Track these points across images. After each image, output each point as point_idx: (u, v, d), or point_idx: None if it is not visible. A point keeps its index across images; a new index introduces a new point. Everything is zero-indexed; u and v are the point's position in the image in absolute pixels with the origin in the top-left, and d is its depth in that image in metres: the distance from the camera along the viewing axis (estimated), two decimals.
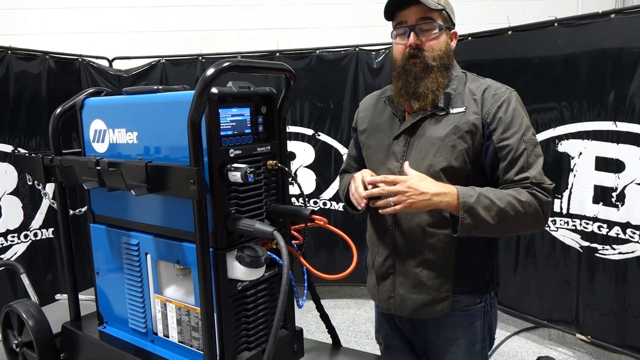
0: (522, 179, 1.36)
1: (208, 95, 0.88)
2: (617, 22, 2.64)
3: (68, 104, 1.19)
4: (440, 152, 1.42)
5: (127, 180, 0.99)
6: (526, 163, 1.36)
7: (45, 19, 4.73)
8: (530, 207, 1.34)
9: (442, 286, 1.47)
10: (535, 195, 1.35)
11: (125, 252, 1.12)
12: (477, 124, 1.40)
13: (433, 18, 1.43)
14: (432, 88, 1.43)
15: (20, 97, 3.34)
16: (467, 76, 1.51)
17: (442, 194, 1.32)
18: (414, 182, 1.32)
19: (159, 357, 1.08)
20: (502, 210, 1.32)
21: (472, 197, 1.32)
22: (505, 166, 1.38)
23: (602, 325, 2.86)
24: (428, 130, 1.45)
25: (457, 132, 1.41)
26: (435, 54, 1.43)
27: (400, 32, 1.46)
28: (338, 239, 1.06)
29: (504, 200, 1.33)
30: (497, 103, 1.41)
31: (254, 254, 0.94)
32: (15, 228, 3.29)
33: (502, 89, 1.45)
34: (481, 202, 1.31)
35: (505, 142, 1.38)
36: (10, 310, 1.28)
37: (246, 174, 0.91)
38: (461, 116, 1.42)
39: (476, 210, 1.31)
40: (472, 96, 1.44)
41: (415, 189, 1.31)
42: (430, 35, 1.43)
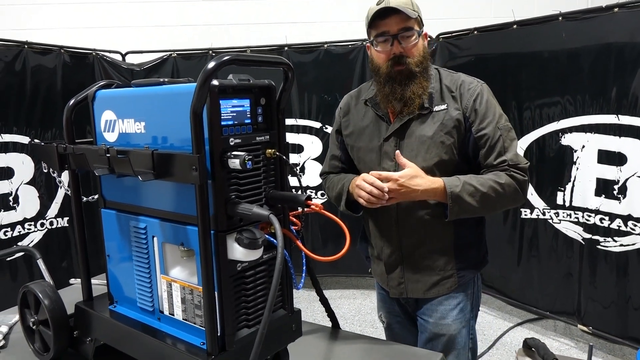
0: (500, 162, 1.51)
1: (209, 87, 0.94)
2: (620, 15, 2.65)
3: (81, 96, 1.26)
4: (431, 149, 1.54)
5: (135, 167, 1.05)
6: (502, 148, 1.51)
7: (60, 14, 4.83)
8: (509, 187, 1.49)
9: (447, 265, 1.62)
10: (513, 176, 1.49)
11: (134, 235, 1.19)
12: (460, 118, 1.53)
13: (412, 26, 1.52)
14: (419, 92, 1.54)
15: (36, 90, 3.44)
16: (440, 73, 1.61)
17: (430, 190, 1.47)
18: (406, 180, 1.45)
19: (164, 334, 1.15)
20: (484, 195, 1.46)
21: (458, 186, 1.46)
22: (485, 153, 1.52)
23: (604, 316, 2.89)
24: (416, 130, 1.56)
25: (443, 128, 1.53)
26: (417, 59, 1.54)
27: (382, 41, 1.55)
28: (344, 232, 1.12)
29: (485, 185, 1.47)
30: (472, 97, 1.53)
31: (252, 236, 1.00)
32: (32, 217, 3.40)
33: (475, 83, 1.57)
34: (466, 190, 1.46)
35: (483, 132, 1.52)
36: (27, 291, 1.35)
37: (245, 161, 0.97)
38: (444, 113, 1.54)
39: (462, 197, 1.46)
40: (450, 93, 1.56)
41: (407, 186, 1.45)
42: (411, 42, 1.53)
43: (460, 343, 1.66)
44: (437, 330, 1.66)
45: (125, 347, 1.22)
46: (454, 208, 1.47)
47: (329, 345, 1.47)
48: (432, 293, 1.64)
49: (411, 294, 1.67)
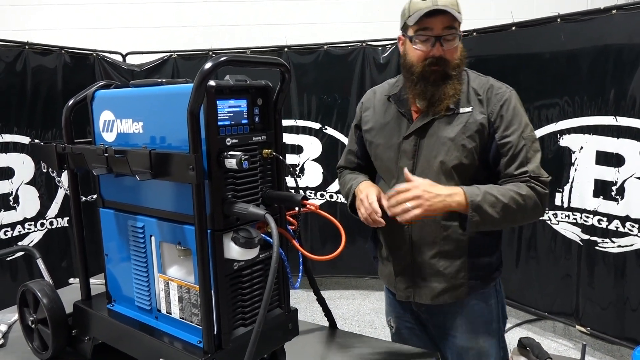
0: (522, 172, 1.45)
1: (206, 87, 0.95)
2: (618, 17, 2.66)
3: (80, 96, 1.27)
4: (452, 151, 1.49)
5: (133, 166, 1.06)
6: (525, 158, 1.45)
7: (61, 15, 4.85)
8: (530, 199, 1.43)
9: (459, 273, 1.55)
10: (534, 188, 1.43)
11: (132, 234, 1.20)
12: (484, 123, 1.48)
13: (455, 28, 1.47)
14: (450, 94, 1.49)
15: (37, 91, 3.45)
16: (468, 75, 1.56)
17: (453, 194, 1.40)
18: (426, 187, 1.38)
19: (162, 332, 1.16)
20: (506, 205, 1.40)
21: (478, 195, 1.39)
22: (507, 161, 1.47)
23: (602, 317, 2.90)
24: (439, 130, 1.51)
25: (466, 131, 1.48)
26: (455, 62, 1.49)
27: (423, 39, 1.48)
28: (345, 232, 1.12)
29: (506, 195, 1.41)
30: (499, 102, 1.48)
31: (248, 235, 1.01)
32: (32, 216, 3.41)
33: (503, 88, 1.52)
34: (487, 200, 1.39)
35: (507, 139, 1.46)
36: (26, 289, 1.36)
37: (241, 160, 0.98)
38: (469, 116, 1.49)
39: (483, 207, 1.38)
40: (476, 96, 1.51)
41: (430, 192, 1.37)
42: (452, 45, 1.48)
43: (492, 355, 1.61)
44: (465, 344, 1.60)
45: (123, 345, 1.22)
46: (473, 218, 1.39)
47: (326, 344, 1.48)
48: (439, 300, 1.58)
49: (418, 298, 1.61)
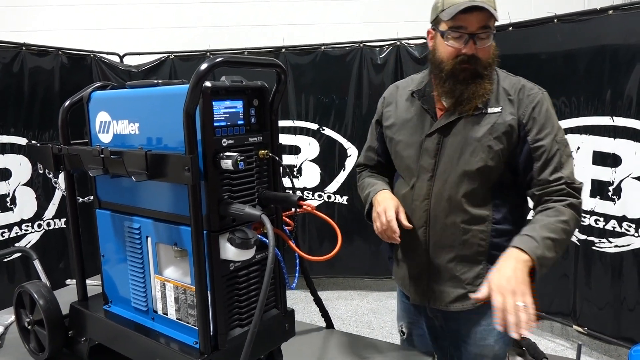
0: (556, 178, 1.39)
1: (201, 88, 0.96)
2: (614, 18, 2.67)
3: (76, 98, 1.27)
4: (477, 152, 1.42)
5: (129, 167, 1.06)
6: (559, 163, 1.39)
7: (58, 16, 4.84)
8: (572, 221, 1.38)
9: (477, 279, 1.46)
10: (572, 205, 1.38)
11: (128, 235, 1.20)
12: (513, 124, 1.41)
13: (490, 26, 1.41)
14: (479, 93, 1.43)
15: (34, 92, 3.45)
16: (498, 74, 1.50)
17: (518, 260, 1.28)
18: (501, 281, 1.24)
19: (158, 333, 1.16)
20: (560, 241, 1.35)
21: (538, 248, 1.30)
22: (540, 166, 1.40)
23: (599, 317, 2.91)
24: (464, 129, 1.45)
25: (493, 132, 1.42)
26: (486, 62, 1.43)
27: (456, 36, 1.41)
28: (342, 233, 1.12)
29: (557, 230, 1.35)
30: (532, 104, 1.42)
31: (244, 236, 1.01)
32: (30, 218, 3.41)
33: (535, 89, 1.46)
34: (546, 246, 1.32)
35: (540, 143, 1.40)
36: (22, 291, 1.36)
37: (237, 161, 0.98)
38: (497, 116, 1.43)
39: (546, 257, 1.31)
40: (507, 96, 1.44)
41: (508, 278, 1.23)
42: (486, 44, 1.42)
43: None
44: (479, 351, 1.55)
45: (120, 346, 1.22)
46: (541, 271, 1.31)
47: (323, 345, 1.48)
48: (455, 307, 1.51)
49: (433, 303, 1.54)
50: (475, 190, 1.45)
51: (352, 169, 4.03)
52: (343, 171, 4.03)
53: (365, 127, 3.93)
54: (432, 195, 1.48)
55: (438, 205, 1.47)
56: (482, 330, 1.53)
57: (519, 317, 1.16)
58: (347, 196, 4.03)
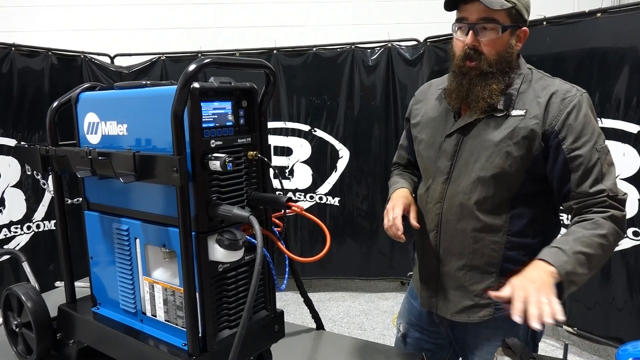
0: (598, 191, 1.28)
1: (189, 89, 0.96)
2: (603, 21, 2.70)
3: (64, 99, 1.26)
4: (493, 157, 1.34)
5: (117, 169, 1.06)
6: (600, 174, 1.28)
7: (48, 17, 4.82)
8: (613, 236, 1.27)
9: (484, 292, 1.40)
10: (613, 217, 1.27)
11: (116, 237, 1.20)
12: (536, 130, 1.31)
13: (497, 18, 1.32)
14: (484, 95, 1.35)
15: (23, 93, 3.43)
16: (532, 74, 1.40)
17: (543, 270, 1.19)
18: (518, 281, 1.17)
19: (147, 335, 1.15)
20: (595, 257, 1.25)
21: (568, 263, 1.21)
22: (579, 178, 1.29)
23: (588, 317, 2.93)
24: (484, 132, 1.37)
25: (513, 137, 1.32)
26: (492, 58, 1.34)
27: (460, 27, 1.38)
28: (334, 234, 1.11)
29: (593, 245, 1.24)
30: (566, 109, 1.30)
31: (232, 237, 1.01)
32: (19, 220, 3.39)
33: (572, 92, 1.33)
34: (577, 261, 1.22)
35: (577, 152, 1.29)
36: (10, 293, 1.35)
37: (225, 162, 0.98)
38: (520, 120, 1.33)
39: (576, 272, 1.22)
40: (536, 98, 1.34)
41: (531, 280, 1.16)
42: (490, 36, 1.33)
43: None
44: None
45: (108, 349, 1.22)
46: (570, 288, 1.23)
47: (313, 346, 1.48)
48: (461, 317, 1.45)
49: (439, 310, 1.49)
50: (490, 198, 1.36)
51: (343, 171, 4.03)
52: (335, 172, 4.04)
53: (356, 128, 3.97)
54: (445, 199, 1.42)
55: (450, 209, 1.41)
56: (490, 345, 1.46)
57: (542, 310, 1.08)
58: (339, 197, 4.03)
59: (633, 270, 2.71)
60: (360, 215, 4.04)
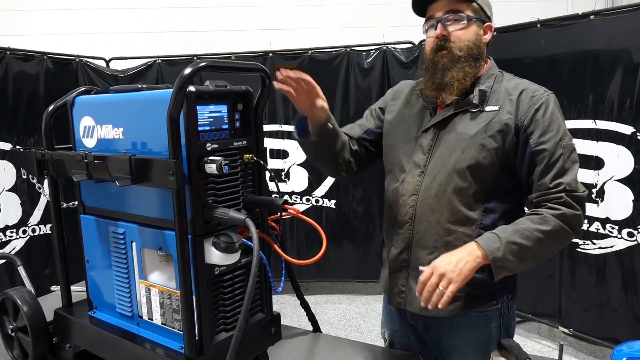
0: (556, 185, 1.34)
1: (185, 93, 0.96)
2: (596, 23, 2.71)
3: (60, 102, 1.27)
4: (469, 149, 1.40)
5: (112, 172, 1.06)
6: (562, 169, 1.34)
7: (43, 20, 4.81)
8: (558, 234, 1.33)
9: None
10: (563, 215, 1.33)
11: (113, 240, 1.20)
12: (509, 124, 1.37)
13: (461, 9, 1.42)
14: (459, 77, 1.42)
15: (18, 97, 3.41)
16: (503, 75, 1.49)
17: (471, 252, 1.30)
18: (443, 260, 1.30)
19: (143, 339, 1.15)
20: (529, 249, 1.31)
21: (499, 250, 1.29)
22: (541, 171, 1.36)
23: (584, 318, 2.94)
24: (459, 125, 1.43)
25: (488, 130, 1.39)
26: (462, 44, 1.42)
27: (430, 25, 1.46)
28: (330, 237, 1.11)
29: (531, 238, 1.31)
30: (535, 105, 1.37)
31: (228, 240, 1.02)
32: (14, 224, 3.37)
33: (540, 91, 1.41)
34: (509, 251, 1.30)
35: (543, 146, 1.35)
36: (5, 297, 1.35)
37: (221, 165, 0.98)
38: (494, 114, 1.40)
39: (506, 259, 1.30)
40: (508, 96, 1.41)
41: (450, 261, 1.28)
42: (458, 25, 1.42)
43: None
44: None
45: (105, 352, 1.22)
46: (499, 274, 1.32)
47: (309, 348, 1.48)
48: (430, 312, 1.41)
49: (409, 306, 1.49)
50: (465, 190, 1.41)
51: None
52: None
53: None
54: (420, 191, 1.45)
55: (425, 201, 1.44)
56: (463, 345, 1.50)
57: (431, 296, 1.27)
58: (335, 200, 4.03)
59: (628, 271, 2.73)
60: (357, 217, 4.04)
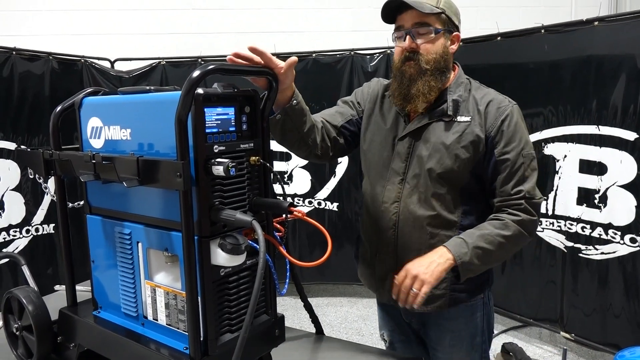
0: (517, 192, 1.44)
1: (194, 95, 0.97)
2: (600, 29, 2.72)
3: (67, 103, 1.27)
4: (444, 159, 1.47)
5: (120, 173, 1.07)
6: (522, 177, 1.44)
7: (49, 21, 4.82)
8: (517, 238, 1.45)
9: (441, 283, 1.48)
10: (522, 222, 1.44)
11: (119, 241, 1.20)
12: (480, 135, 1.46)
13: (429, 22, 1.46)
14: (424, 91, 1.47)
15: (24, 97, 3.43)
16: (471, 83, 1.56)
17: (442, 255, 1.42)
18: (416, 264, 1.41)
19: (148, 339, 1.16)
20: (494, 253, 1.43)
21: (467, 255, 1.41)
22: (503, 179, 1.45)
23: (586, 323, 2.94)
24: (433, 135, 1.49)
25: (461, 141, 1.46)
26: (430, 57, 1.46)
27: (398, 36, 1.50)
28: (332, 239, 1.12)
29: (494, 243, 1.42)
30: (501, 117, 1.46)
31: (234, 242, 1.02)
32: (17, 223, 3.38)
33: (505, 102, 1.49)
34: (475, 255, 1.41)
35: (506, 156, 1.45)
36: (11, 296, 1.35)
37: (228, 167, 0.99)
38: (466, 125, 1.47)
39: (472, 263, 1.42)
40: (477, 106, 1.49)
41: (422, 264, 1.40)
42: (426, 38, 1.46)
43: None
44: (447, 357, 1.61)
45: (109, 352, 1.22)
46: (466, 275, 1.44)
47: (313, 350, 1.49)
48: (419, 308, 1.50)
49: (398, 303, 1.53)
50: (443, 195, 1.49)
51: (342, 176, 4.04)
52: (333, 178, 4.05)
53: None
54: (402, 198, 1.52)
55: (407, 207, 1.51)
56: (452, 337, 1.57)
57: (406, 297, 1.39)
58: (338, 203, 4.04)
59: (630, 277, 2.73)
60: (359, 220, 4.04)
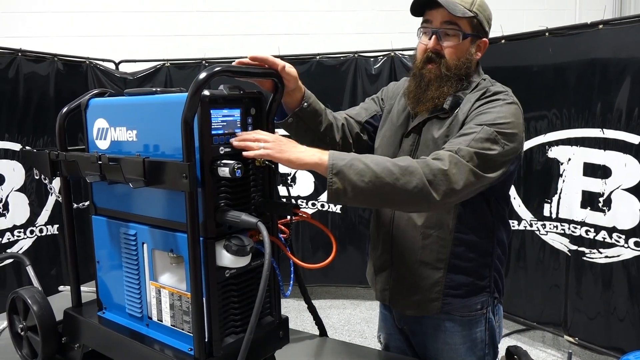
0: (451, 145, 1.27)
1: (200, 97, 0.97)
2: (605, 32, 2.72)
3: (74, 104, 1.28)
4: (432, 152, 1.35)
5: (126, 174, 1.07)
6: (465, 141, 1.26)
7: (54, 23, 4.84)
8: (412, 175, 1.18)
9: (434, 287, 1.45)
10: (427, 164, 1.21)
11: (124, 242, 1.21)
12: (461, 120, 1.38)
13: (459, 24, 1.39)
14: (434, 96, 1.42)
15: (29, 98, 3.44)
16: (486, 81, 1.47)
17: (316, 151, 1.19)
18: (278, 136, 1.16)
19: (153, 340, 1.16)
20: (376, 175, 1.16)
21: (344, 160, 1.17)
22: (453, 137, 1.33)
23: (589, 327, 2.93)
24: (428, 130, 1.45)
25: (449, 133, 1.39)
26: (452, 62, 1.40)
27: (425, 31, 1.44)
28: (336, 241, 1.11)
29: (381, 165, 1.18)
30: (486, 100, 1.37)
31: (240, 243, 1.03)
32: (22, 224, 3.39)
33: (502, 96, 1.39)
34: (353, 166, 1.16)
35: (470, 123, 1.33)
36: (16, 296, 1.36)
37: (234, 169, 0.99)
38: (454, 116, 1.40)
39: (346, 174, 1.15)
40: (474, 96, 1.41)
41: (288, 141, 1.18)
42: (451, 42, 1.40)
43: None
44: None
45: (113, 353, 1.23)
46: (333, 186, 1.16)
47: (316, 352, 1.49)
48: (410, 311, 1.52)
49: (391, 303, 1.55)
50: None
51: None
52: None
53: None
54: None
55: None
56: (448, 350, 1.50)
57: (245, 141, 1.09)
58: (341, 205, 4.04)
59: (635, 280, 2.72)
60: (362, 222, 4.04)
